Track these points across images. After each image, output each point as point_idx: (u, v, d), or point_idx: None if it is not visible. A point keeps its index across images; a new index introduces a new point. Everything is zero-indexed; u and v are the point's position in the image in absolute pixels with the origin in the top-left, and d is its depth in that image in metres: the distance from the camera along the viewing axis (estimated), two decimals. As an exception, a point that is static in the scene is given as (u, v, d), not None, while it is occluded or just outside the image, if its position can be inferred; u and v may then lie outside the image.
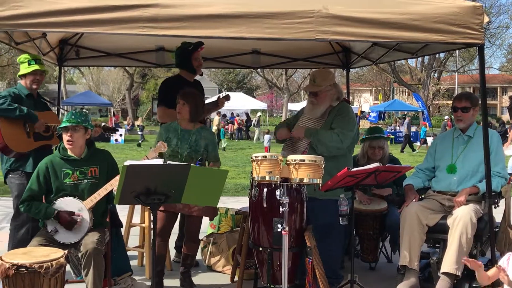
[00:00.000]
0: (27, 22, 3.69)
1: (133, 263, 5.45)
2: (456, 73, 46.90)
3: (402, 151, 24.71)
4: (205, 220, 5.13)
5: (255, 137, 31.94)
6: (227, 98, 5.98)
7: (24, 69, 5.05)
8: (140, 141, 26.60)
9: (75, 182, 4.30)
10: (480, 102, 4.72)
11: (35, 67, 5.05)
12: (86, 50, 6.72)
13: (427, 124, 30.27)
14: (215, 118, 28.68)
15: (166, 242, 4.90)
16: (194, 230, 4.94)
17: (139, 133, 28.40)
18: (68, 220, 4.15)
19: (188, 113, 4.85)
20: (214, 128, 26.81)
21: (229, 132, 32.74)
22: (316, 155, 4.25)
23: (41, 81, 5.14)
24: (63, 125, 4.27)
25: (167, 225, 4.83)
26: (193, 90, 5.03)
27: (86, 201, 4.24)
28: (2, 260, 3.57)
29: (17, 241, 4.89)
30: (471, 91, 41.09)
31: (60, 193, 4.26)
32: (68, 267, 3.98)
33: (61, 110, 6.20)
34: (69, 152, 4.34)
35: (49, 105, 5.45)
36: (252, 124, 34.81)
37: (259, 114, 34.12)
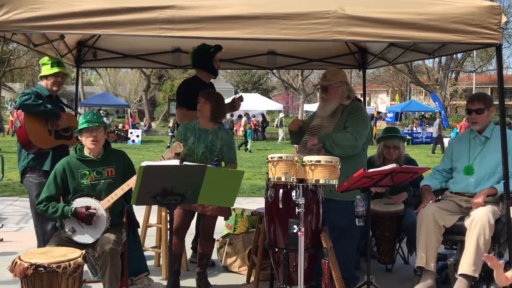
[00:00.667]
0: (45, 24, 3.72)
1: (150, 263, 5.49)
2: (474, 73, 46.50)
3: (433, 152, 24.45)
4: (221, 220, 5.13)
5: (280, 137, 31.81)
6: (240, 99, 6.04)
7: (46, 70, 5.12)
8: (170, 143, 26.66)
9: (92, 182, 4.34)
10: (495, 102, 4.67)
11: (58, 69, 5.11)
12: (103, 52, 6.78)
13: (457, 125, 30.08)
14: (242, 119, 28.51)
15: (183, 241, 4.91)
16: (208, 229, 4.95)
17: (170, 134, 27.84)
18: (86, 214, 4.18)
19: (209, 112, 4.86)
20: (241, 130, 26.69)
21: (245, 133, 32.76)
22: (332, 156, 4.24)
23: (62, 83, 5.20)
24: (84, 126, 4.30)
25: (183, 224, 4.84)
26: (215, 91, 5.11)
27: (103, 201, 4.28)
28: (20, 259, 3.60)
29: (48, 238, 4.77)
30: (489, 92, 40.69)
31: (77, 194, 4.30)
32: (85, 267, 4.01)
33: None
34: (86, 153, 4.38)
35: (66, 108, 5.50)
36: (275, 125, 34.72)
37: (281, 115, 34.01)
